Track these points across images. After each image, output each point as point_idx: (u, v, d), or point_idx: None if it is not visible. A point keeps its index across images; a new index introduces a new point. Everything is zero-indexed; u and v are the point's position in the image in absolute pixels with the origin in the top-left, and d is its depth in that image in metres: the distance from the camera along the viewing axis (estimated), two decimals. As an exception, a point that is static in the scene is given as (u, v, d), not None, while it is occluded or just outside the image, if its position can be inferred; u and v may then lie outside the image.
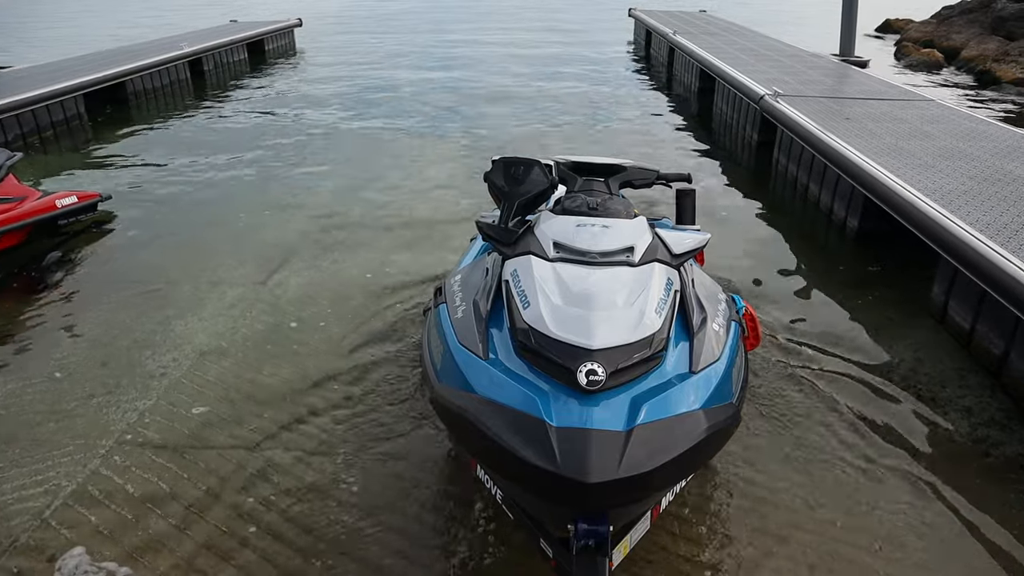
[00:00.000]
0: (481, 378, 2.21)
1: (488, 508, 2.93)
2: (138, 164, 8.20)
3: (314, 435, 3.45)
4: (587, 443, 1.90)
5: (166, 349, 4.22)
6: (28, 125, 9.08)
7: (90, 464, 3.26)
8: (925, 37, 16.89)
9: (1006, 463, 3.26)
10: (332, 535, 2.86)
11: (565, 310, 2.24)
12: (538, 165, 2.93)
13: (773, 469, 3.22)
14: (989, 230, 4.13)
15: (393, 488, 3.10)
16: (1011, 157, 5.70)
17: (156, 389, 3.83)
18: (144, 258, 5.58)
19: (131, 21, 25.38)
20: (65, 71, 10.67)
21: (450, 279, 2.89)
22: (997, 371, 3.84)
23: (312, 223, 6.21)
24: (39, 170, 7.90)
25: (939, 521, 2.93)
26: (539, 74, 13.84)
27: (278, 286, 5.02)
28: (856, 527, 2.90)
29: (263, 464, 3.25)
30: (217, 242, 5.85)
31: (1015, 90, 11.96)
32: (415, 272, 5.17)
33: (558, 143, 8.87)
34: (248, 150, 8.66)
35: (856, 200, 5.66)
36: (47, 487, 3.12)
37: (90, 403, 3.72)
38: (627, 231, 2.64)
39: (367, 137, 9.31)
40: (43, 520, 2.94)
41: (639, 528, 2.35)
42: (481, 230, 2.79)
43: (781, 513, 2.97)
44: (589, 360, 2.07)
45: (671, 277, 2.51)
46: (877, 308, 4.66)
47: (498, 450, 2.01)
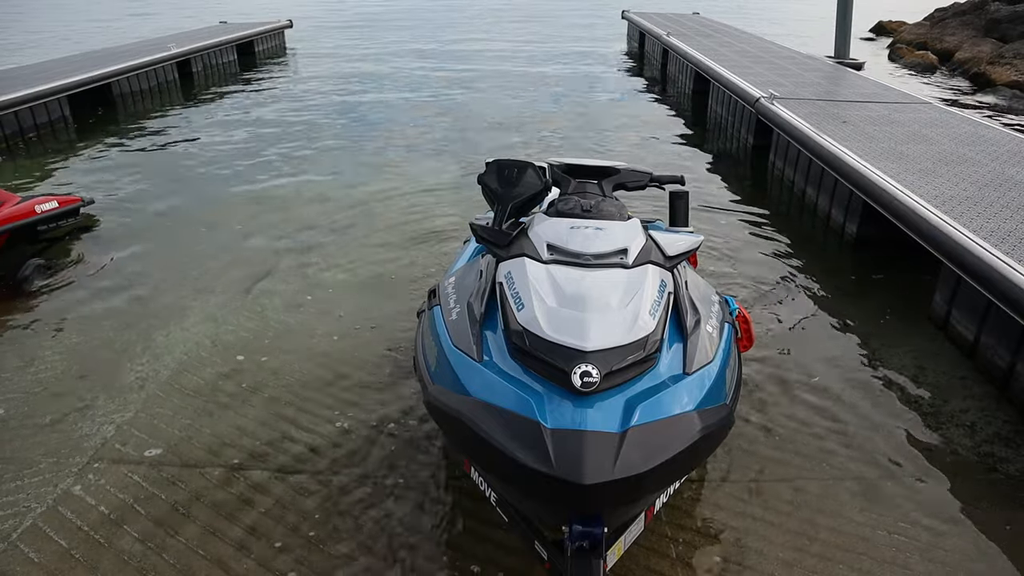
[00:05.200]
0: (475, 380, 2.22)
1: (482, 510, 2.84)
2: (123, 168, 8.04)
3: (297, 452, 3.32)
4: (581, 445, 1.91)
5: (146, 360, 4.09)
6: (10, 127, 8.91)
7: (62, 483, 3.12)
8: (918, 39, 16.86)
9: (1013, 480, 3.15)
10: (313, 558, 2.73)
11: (559, 312, 2.26)
12: (532, 167, 2.98)
13: (768, 482, 3.12)
14: (993, 238, 4.03)
15: (383, 504, 2.98)
16: (1013, 162, 5.61)
17: (135, 402, 3.70)
18: (126, 265, 5.43)
19: (112, 24, 25.19)
20: (49, 72, 10.50)
21: (444, 281, 2.90)
22: (1003, 383, 3.73)
23: (298, 230, 6.07)
24: (21, 174, 7.74)
25: (943, 541, 2.82)
26: (535, 74, 13.74)
27: (263, 294, 4.89)
28: (855, 546, 2.78)
29: (244, 483, 3.12)
30: (201, 249, 5.70)
31: (1010, 93, 11.91)
32: (405, 277, 5.05)
33: (553, 144, 8.77)
34: (234, 155, 8.51)
35: (854, 205, 5.56)
36: (16, 508, 2.98)
37: (65, 417, 3.59)
38: (620, 233, 2.66)
39: (357, 141, 9.17)
40: (10, 543, 2.80)
41: (633, 530, 2.35)
42: (475, 232, 2.81)
43: (776, 530, 2.86)
44: (583, 362, 2.08)
45: (665, 279, 2.52)
46: (876, 315, 4.56)
47: (492, 452, 2.01)
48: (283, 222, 6.25)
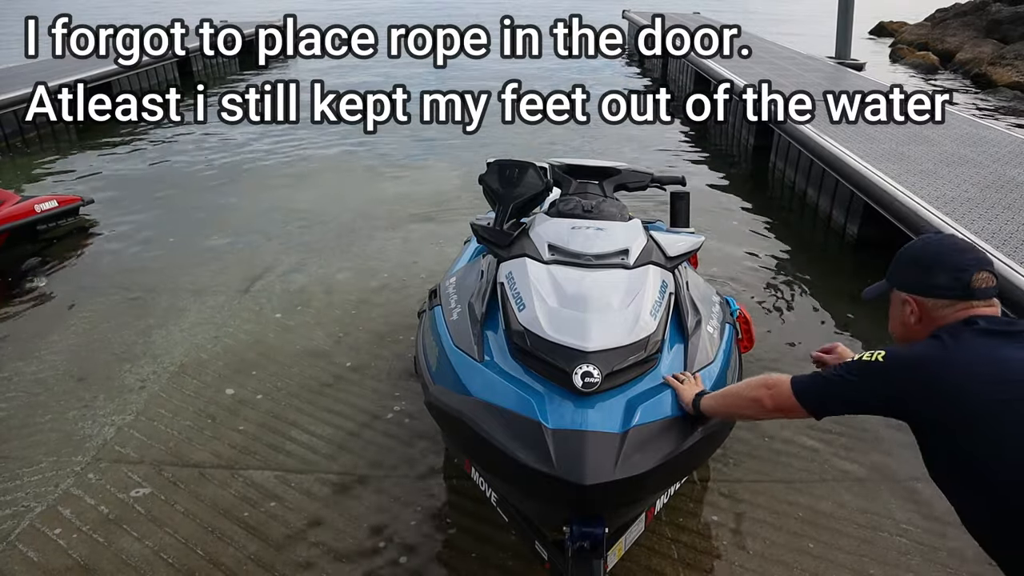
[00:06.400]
0: (476, 380, 2.21)
1: (482, 510, 2.82)
2: (122, 168, 8.04)
3: (297, 453, 3.31)
4: (583, 445, 1.89)
5: (146, 361, 4.08)
6: (10, 126, 8.90)
7: (62, 483, 3.11)
8: (920, 40, 16.87)
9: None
10: (313, 558, 2.72)
11: (560, 312, 2.25)
12: (533, 168, 2.96)
13: (768, 482, 3.11)
14: (995, 239, 4.03)
15: (383, 505, 2.97)
16: (1015, 163, 5.60)
17: (135, 403, 3.68)
18: (126, 265, 5.42)
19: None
20: (49, 71, 10.48)
21: (445, 281, 2.89)
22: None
23: (298, 231, 6.07)
24: (20, 173, 7.73)
25: (945, 542, 2.79)
26: (532, 74, 13.73)
27: (261, 295, 4.88)
28: (856, 547, 2.77)
29: (244, 483, 3.11)
30: (200, 249, 5.70)
31: (1011, 93, 11.92)
32: (403, 278, 5.04)
33: (550, 147, 8.76)
34: (235, 155, 8.51)
35: (856, 206, 5.55)
36: (15, 508, 2.97)
37: (65, 418, 3.58)
38: (622, 234, 2.66)
39: (359, 142, 9.16)
40: (9, 543, 2.79)
41: (634, 530, 2.34)
42: (476, 232, 2.81)
43: (780, 534, 2.85)
44: (584, 362, 2.07)
45: (666, 279, 2.52)
46: (877, 316, 4.53)
47: (493, 452, 2.00)
48: (282, 223, 6.24)
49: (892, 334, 1.79)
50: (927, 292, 1.65)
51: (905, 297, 1.70)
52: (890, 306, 1.77)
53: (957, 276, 1.61)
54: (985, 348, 1.53)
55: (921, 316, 1.66)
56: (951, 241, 1.76)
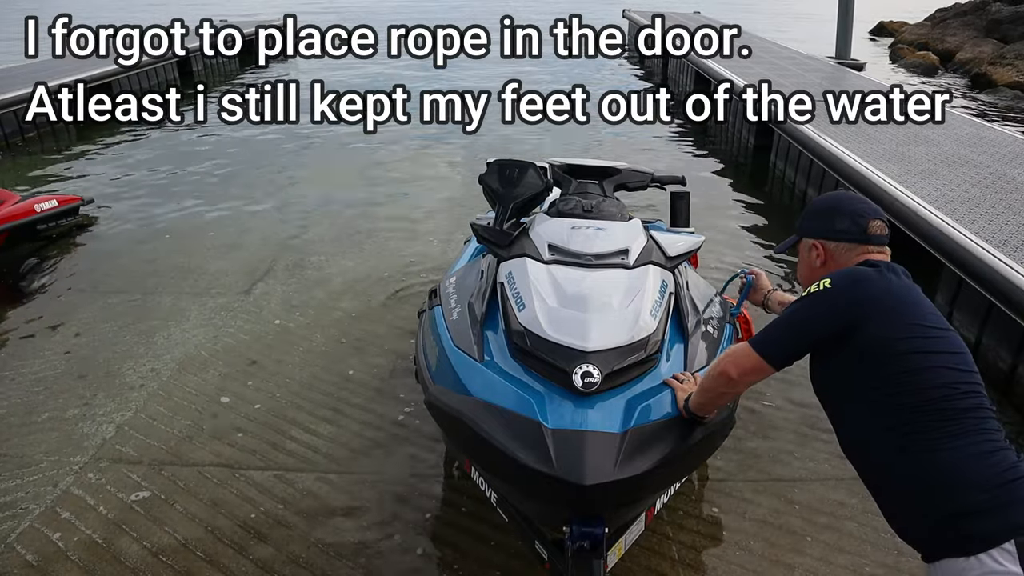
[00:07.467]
0: (476, 380, 2.21)
1: (482, 510, 2.83)
2: (122, 168, 8.03)
3: (297, 453, 3.31)
4: (583, 445, 1.90)
5: (146, 360, 4.07)
6: (10, 126, 8.90)
7: (62, 482, 3.10)
8: (920, 40, 16.87)
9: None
10: (313, 558, 2.72)
11: (560, 312, 2.25)
12: (533, 167, 2.95)
13: (768, 482, 3.11)
14: (995, 240, 4.03)
15: (383, 505, 2.97)
16: (1015, 164, 5.60)
17: (135, 402, 3.68)
18: (126, 265, 5.42)
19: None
20: (49, 71, 10.48)
21: (445, 281, 2.89)
22: (1005, 386, 3.72)
23: (298, 232, 6.06)
24: (20, 173, 7.73)
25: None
26: (531, 74, 13.73)
27: (262, 296, 4.87)
28: (856, 548, 2.77)
29: (244, 483, 3.11)
30: (201, 250, 5.69)
31: (1011, 93, 11.91)
32: (403, 278, 5.04)
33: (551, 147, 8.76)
34: (235, 156, 8.51)
35: (856, 206, 5.54)
36: (15, 509, 2.97)
37: (65, 417, 3.57)
38: (621, 233, 2.66)
39: (359, 142, 9.16)
40: (7, 544, 2.79)
41: (634, 530, 2.34)
42: (476, 232, 2.80)
43: (781, 534, 2.85)
44: (584, 362, 2.07)
45: (666, 279, 2.52)
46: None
47: (493, 452, 2.00)
48: (282, 225, 6.24)
49: (799, 280, 1.98)
50: (831, 236, 1.86)
51: (812, 242, 1.89)
52: (799, 255, 1.96)
53: (856, 220, 1.83)
54: (894, 276, 1.71)
55: (826, 259, 1.86)
56: (848, 194, 2.01)
